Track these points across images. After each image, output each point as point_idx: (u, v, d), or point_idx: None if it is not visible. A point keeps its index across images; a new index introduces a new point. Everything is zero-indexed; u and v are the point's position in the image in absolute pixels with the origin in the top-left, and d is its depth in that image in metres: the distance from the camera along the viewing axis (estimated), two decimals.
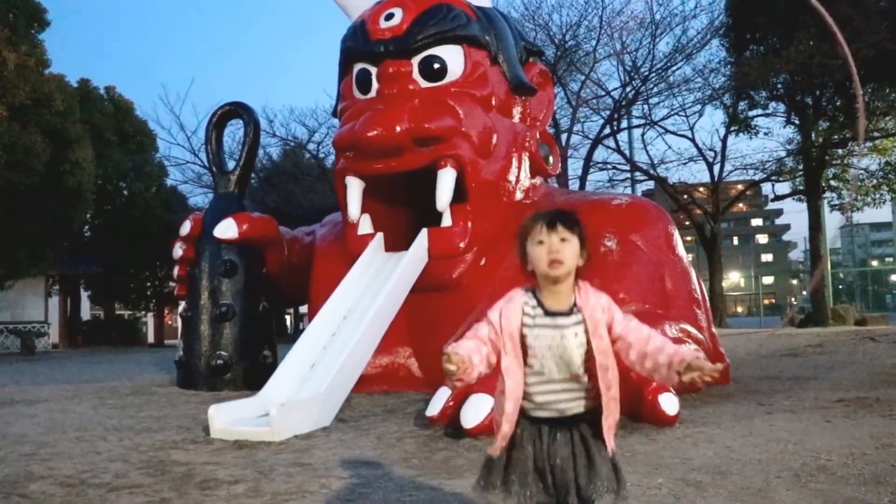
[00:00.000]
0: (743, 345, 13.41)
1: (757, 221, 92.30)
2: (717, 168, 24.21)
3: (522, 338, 2.40)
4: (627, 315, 2.43)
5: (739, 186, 29.06)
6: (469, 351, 2.41)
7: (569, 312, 2.38)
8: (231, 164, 9.89)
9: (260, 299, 8.96)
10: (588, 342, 2.35)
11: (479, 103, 7.59)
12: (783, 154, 24.38)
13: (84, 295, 32.69)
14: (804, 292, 58.31)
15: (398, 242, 7.81)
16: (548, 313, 2.39)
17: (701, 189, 26.60)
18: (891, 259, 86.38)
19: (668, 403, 5.35)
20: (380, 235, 7.88)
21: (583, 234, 2.41)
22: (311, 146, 27.95)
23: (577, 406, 2.37)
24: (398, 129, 7.14)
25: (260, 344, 8.87)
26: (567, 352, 2.34)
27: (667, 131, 24.16)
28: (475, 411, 5.09)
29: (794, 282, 71.26)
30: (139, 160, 30.04)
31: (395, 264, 7.33)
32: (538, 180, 8.34)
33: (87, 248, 28.74)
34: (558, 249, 2.35)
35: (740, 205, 51.46)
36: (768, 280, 66.72)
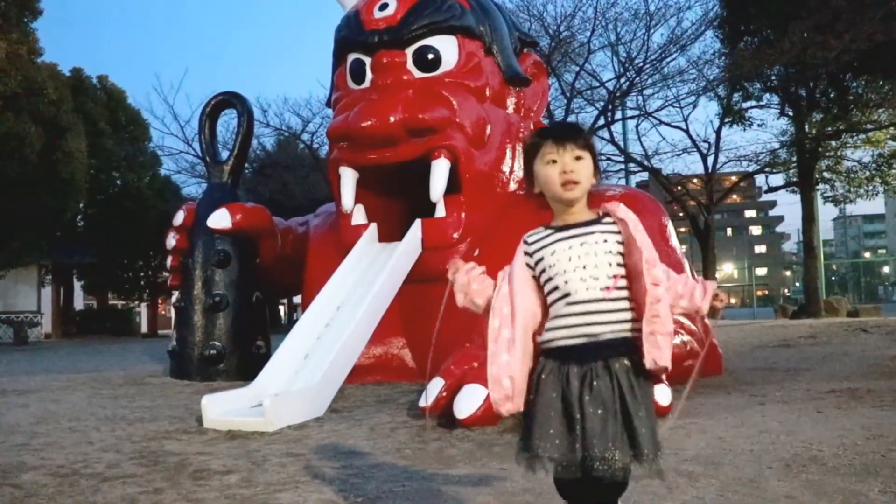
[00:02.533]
0: (736, 336, 13.45)
1: (750, 213, 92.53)
2: (710, 159, 24.19)
3: (538, 266, 2.19)
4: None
5: (733, 178, 29.06)
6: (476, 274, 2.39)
7: (593, 221, 2.18)
8: (225, 154, 9.86)
9: (253, 290, 8.95)
10: (625, 252, 2.13)
11: (473, 94, 7.58)
12: (777, 146, 24.40)
13: (77, 285, 32.60)
14: (797, 284, 58.55)
15: (392, 233, 7.80)
16: (558, 230, 2.19)
17: (695, 180, 26.59)
18: (883, 251, 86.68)
19: (661, 395, 5.36)
20: (373, 226, 7.87)
21: (595, 149, 2.21)
22: (305, 136, 27.87)
23: (611, 331, 2.09)
24: (392, 119, 7.13)
25: (253, 334, 8.86)
26: (593, 259, 2.11)
27: (661, 122, 24.12)
28: (468, 402, 5.10)
29: (788, 273, 71.47)
30: (132, 150, 29.93)
31: (388, 255, 7.33)
32: None
33: (80, 238, 28.66)
34: (573, 169, 2.15)
35: (734, 196, 51.55)
36: (762, 271, 66.80)
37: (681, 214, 25.87)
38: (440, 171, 7.28)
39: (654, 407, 2.13)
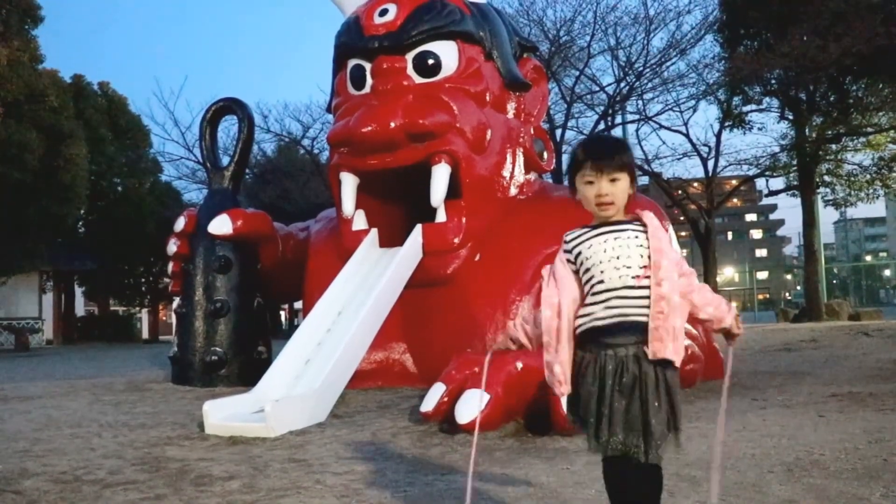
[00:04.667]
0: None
1: (751, 217, 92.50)
2: (711, 163, 24.19)
3: (577, 259, 2.43)
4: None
5: (734, 182, 29.07)
6: (521, 322, 2.57)
7: (623, 222, 2.42)
8: (225, 160, 9.87)
9: (254, 295, 8.95)
10: (649, 247, 2.36)
11: (473, 99, 7.59)
12: (777, 149, 24.38)
13: (78, 291, 32.61)
14: (798, 287, 58.50)
15: (393, 238, 7.81)
16: (595, 227, 2.43)
17: (695, 184, 26.57)
18: (884, 254, 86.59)
19: None
20: (374, 231, 7.88)
21: (632, 166, 2.44)
22: (306, 142, 27.89)
23: (638, 313, 2.33)
24: (392, 124, 7.13)
25: (254, 340, 8.86)
26: (626, 251, 2.35)
27: (661, 127, 24.12)
28: (469, 407, 5.09)
29: (789, 277, 71.41)
30: (133, 156, 29.95)
31: (389, 260, 7.34)
32: (532, 176, 8.35)
33: (81, 244, 28.67)
34: (608, 192, 2.38)
35: (735, 200, 51.45)
36: (762, 275, 66.79)
37: (681, 218, 25.85)
38: (441, 176, 7.28)
39: (677, 394, 2.36)
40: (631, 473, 2.36)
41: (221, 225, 8.42)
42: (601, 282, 2.37)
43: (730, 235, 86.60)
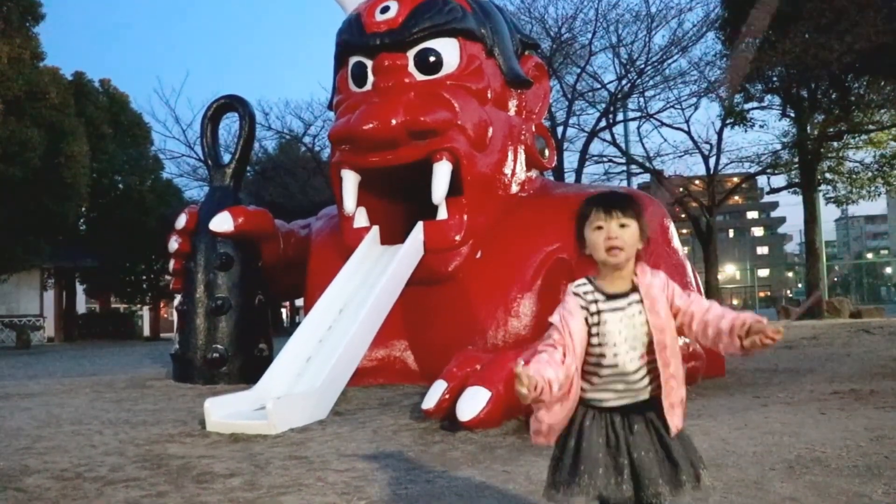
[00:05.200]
0: None
1: (753, 214, 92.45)
2: (712, 161, 24.21)
3: (590, 330, 2.33)
4: (687, 290, 2.43)
5: (735, 179, 29.06)
6: (540, 366, 2.22)
7: (629, 293, 2.35)
8: (226, 158, 9.86)
9: (256, 293, 8.94)
10: (647, 321, 2.30)
11: (474, 96, 7.58)
12: (778, 147, 24.41)
13: (79, 288, 32.63)
14: (799, 285, 58.47)
15: (394, 236, 7.81)
16: (609, 297, 2.34)
17: (697, 182, 26.60)
18: (886, 251, 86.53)
19: None
20: (375, 229, 7.87)
21: (642, 216, 2.36)
22: (307, 139, 27.94)
23: (645, 392, 2.32)
24: (394, 122, 7.13)
25: (256, 337, 8.86)
26: (633, 332, 2.30)
27: (662, 124, 24.16)
28: (471, 404, 5.10)
29: (790, 274, 71.39)
30: (134, 153, 29.95)
31: (390, 257, 7.33)
32: (534, 173, 8.34)
33: (82, 242, 28.69)
34: (617, 236, 2.31)
35: (736, 198, 51.48)
36: (764, 273, 66.79)
37: (683, 216, 25.87)
38: (442, 174, 7.28)
39: (688, 439, 2.38)
40: None
41: (223, 222, 8.42)
42: (615, 365, 2.31)
43: (731, 233, 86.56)
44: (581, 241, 2.40)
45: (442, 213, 7.44)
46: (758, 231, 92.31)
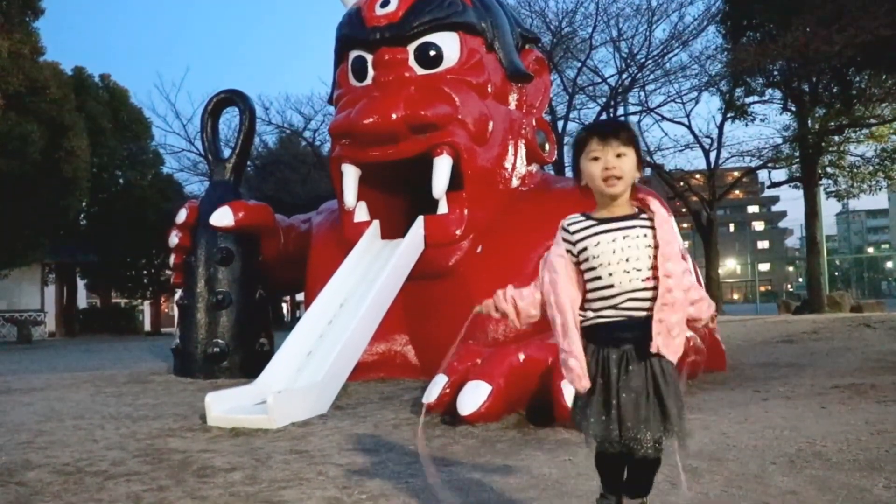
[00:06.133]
0: (739, 332, 13.44)
1: (753, 208, 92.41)
2: (713, 155, 24.20)
3: (581, 254, 2.34)
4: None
5: (736, 173, 29.07)
6: (512, 293, 2.48)
7: (634, 216, 2.33)
8: (227, 152, 9.85)
9: (256, 287, 8.95)
10: (656, 245, 2.30)
11: (474, 90, 7.57)
12: (779, 141, 24.38)
13: (80, 283, 32.63)
14: (800, 279, 58.46)
15: (394, 230, 7.81)
16: (602, 221, 2.34)
17: (697, 176, 26.58)
18: (886, 246, 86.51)
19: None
20: (376, 223, 7.87)
21: (638, 144, 2.35)
22: (307, 134, 27.95)
23: (646, 310, 2.29)
24: (394, 116, 7.12)
25: (256, 332, 8.87)
26: (636, 252, 2.28)
27: (663, 118, 24.16)
28: (472, 398, 5.10)
29: (791, 269, 71.39)
30: (134, 148, 29.93)
31: (391, 252, 7.33)
32: (534, 167, 8.33)
33: (83, 237, 28.68)
34: (615, 165, 2.28)
35: (737, 192, 51.49)
36: (764, 267, 66.75)
37: (683, 210, 25.85)
38: (442, 168, 7.27)
39: (681, 389, 2.34)
40: (632, 463, 2.36)
41: (223, 217, 8.42)
42: (611, 286, 2.31)
43: (732, 227, 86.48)
44: (577, 172, 2.38)
45: (442, 208, 7.44)
46: (758, 225, 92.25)
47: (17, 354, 16.49)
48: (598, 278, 2.31)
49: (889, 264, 54.80)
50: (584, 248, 2.33)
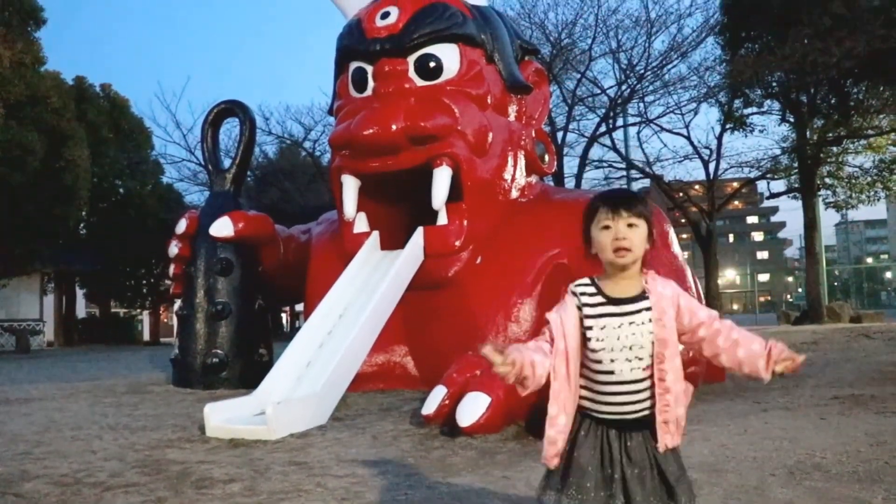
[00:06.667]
0: None
1: (752, 219, 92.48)
2: (712, 166, 24.21)
3: (584, 333, 2.25)
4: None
5: (735, 184, 29.08)
6: (525, 352, 2.22)
7: (637, 298, 2.26)
8: (227, 162, 9.87)
9: (256, 297, 8.95)
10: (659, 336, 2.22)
11: (474, 102, 7.59)
12: (778, 152, 24.39)
13: (79, 293, 32.60)
14: (799, 289, 58.43)
15: (394, 241, 7.81)
16: (611, 301, 2.26)
17: (696, 187, 26.59)
18: (885, 256, 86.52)
19: None
20: (375, 234, 7.88)
21: (650, 216, 2.28)
22: (308, 144, 27.92)
23: (647, 407, 2.24)
24: (394, 127, 7.13)
25: (256, 342, 8.87)
26: (639, 340, 2.22)
27: (662, 129, 24.16)
28: (471, 410, 5.10)
29: (790, 279, 71.39)
30: (135, 158, 29.96)
31: (390, 263, 7.34)
32: (534, 179, 8.35)
33: (82, 246, 28.64)
34: (625, 236, 2.22)
35: (736, 202, 51.44)
36: (764, 277, 66.79)
37: (683, 221, 25.85)
38: (442, 179, 7.28)
39: (681, 463, 2.29)
40: None
41: (223, 227, 8.42)
42: (611, 372, 2.24)
43: (731, 238, 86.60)
44: (587, 240, 2.32)
45: (442, 219, 7.45)
46: (758, 236, 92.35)
47: (16, 364, 16.46)
48: (600, 362, 2.25)
49: (888, 275, 54.86)
50: (591, 327, 2.26)
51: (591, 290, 2.29)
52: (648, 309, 2.24)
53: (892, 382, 7.32)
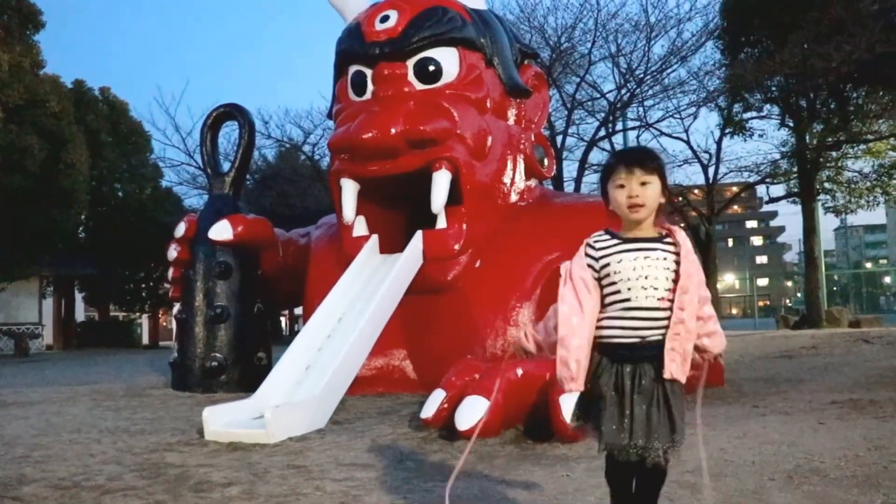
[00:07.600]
0: (737, 347, 13.43)
1: (752, 224, 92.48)
2: (711, 170, 24.20)
3: (602, 270, 2.46)
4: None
5: (734, 188, 29.06)
6: (530, 331, 2.62)
7: (657, 239, 2.48)
8: (226, 166, 9.87)
9: (255, 301, 8.95)
10: (677, 274, 2.42)
11: (473, 105, 7.60)
12: (777, 156, 24.40)
13: (78, 296, 32.56)
14: (798, 294, 58.44)
15: (393, 244, 7.81)
16: (627, 241, 2.47)
17: (696, 191, 26.58)
18: (885, 261, 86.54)
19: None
20: (375, 237, 7.88)
21: (664, 171, 2.49)
22: (307, 148, 27.91)
23: (658, 333, 2.42)
24: (393, 131, 7.14)
25: (255, 346, 8.86)
26: (654, 272, 2.42)
27: (662, 133, 24.15)
28: (470, 413, 5.09)
29: (789, 284, 71.39)
30: (134, 161, 29.95)
31: (390, 266, 7.34)
32: (533, 182, 8.35)
33: (81, 250, 28.63)
34: (638, 194, 2.43)
35: (735, 207, 51.53)
36: (763, 282, 66.75)
37: (682, 225, 25.83)
38: (441, 183, 7.29)
39: (683, 402, 2.52)
40: (641, 473, 2.49)
41: (222, 231, 8.43)
42: (627, 300, 2.43)
43: (730, 242, 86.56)
44: (605, 197, 2.55)
45: (441, 222, 7.45)
46: (757, 240, 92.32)
47: (14, 368, 16.44)
48: (618, 292, 2.44)
49: (887, 279, 54.78)
50: (607, 265, 2.46)
51: (607, 237, 2.52)
52: (665, 250, 2.45)
53: (891, 387, 7.32)
